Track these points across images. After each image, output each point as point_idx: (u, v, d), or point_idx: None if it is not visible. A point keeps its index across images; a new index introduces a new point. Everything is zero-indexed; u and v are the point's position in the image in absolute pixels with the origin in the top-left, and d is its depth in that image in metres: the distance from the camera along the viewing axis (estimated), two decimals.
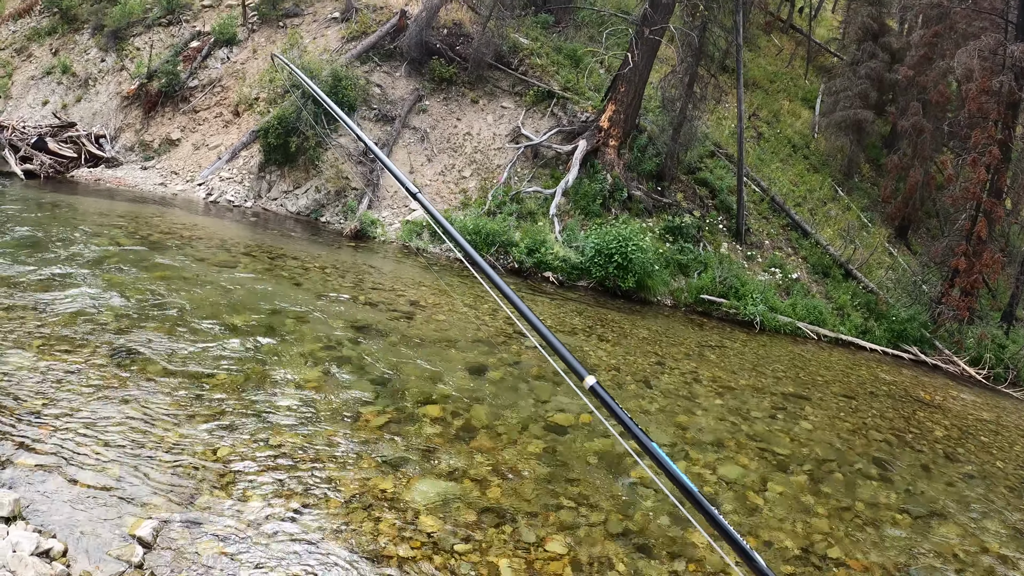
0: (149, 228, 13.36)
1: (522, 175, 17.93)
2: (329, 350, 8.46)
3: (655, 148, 18.47)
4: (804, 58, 31.40)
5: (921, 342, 16.47)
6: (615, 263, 14.47)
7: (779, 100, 26.93)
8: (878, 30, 25.49)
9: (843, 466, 8.26)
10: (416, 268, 14.28)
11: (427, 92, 19.86)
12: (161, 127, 21.16)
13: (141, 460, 5.50)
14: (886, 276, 19.10)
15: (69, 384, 6.42)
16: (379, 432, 6.67)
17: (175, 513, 4.97)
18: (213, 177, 18.69)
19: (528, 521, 5.71)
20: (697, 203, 18.50)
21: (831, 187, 22.62)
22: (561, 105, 19.40)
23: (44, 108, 22.17)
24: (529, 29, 21.94)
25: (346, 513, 5.33)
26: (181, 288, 9.69)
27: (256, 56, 21.64)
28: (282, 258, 12.67)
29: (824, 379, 12.34)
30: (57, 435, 5.59)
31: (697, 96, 17.95)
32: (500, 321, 11.10)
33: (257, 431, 6.24)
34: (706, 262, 16.16)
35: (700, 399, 9.51)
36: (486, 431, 7.10)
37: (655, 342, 12.28)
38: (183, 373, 7.07)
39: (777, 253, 18.14)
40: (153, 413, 6.22)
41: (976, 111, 17.54)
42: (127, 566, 4.36)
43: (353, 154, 17.85)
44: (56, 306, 8.22)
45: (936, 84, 20.90)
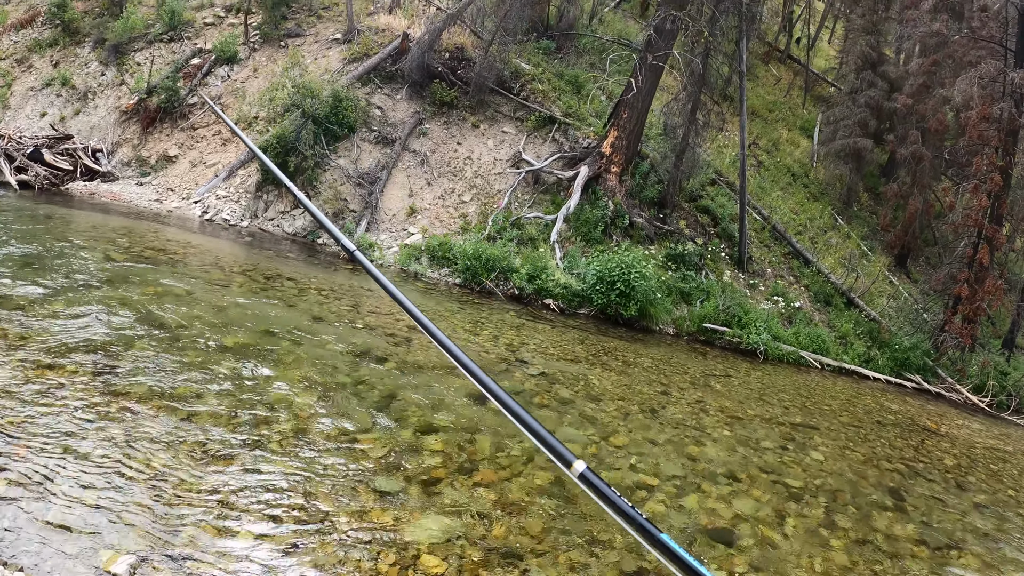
0: (142, 244, 13.10)
1: (523, 200, 17.75)
2: (325, 375, 8.17)
3: (657, 175, 18.35)
4: (802, 88, 31.57)
5: (924, 370, 16.29)
6: (617, 290, 14.24)
7: (778, 129, 26.96)
8: (877, 59, 25.58)
9: (857, 497, 8.03)
10: (415, 292, 14.02)
11: (428, 115, 19.75)
12: (159, 143, 20.97)
13: (121, 490, 5.14)
14: (888, 304, 18.95)
15: (47, 404, 6.09)
16: (378, 463, 6.35)
17: (156, 549, 4.59)
18: (209, 195, 18.46)
19: (538, 561, 5.40)
20: (699, 231, 18.34)
21: (831, 216, 22.54)
22: (563, 131, 19.28)
23: (42, 120, 22.01)
24: (531, 55, 21.91)
25: (343, 549, 4.99)
26: (171, 306, 9.40)
27: (257, 75, 21.53)
28: (277, 279, 12.41)
29: (831, 408, 12.12)
30: (30, 459, 5.23)
31: (700, 123, 17.85)
32: (501, 348, 10.86)
33: (247, 460, 5.90)
34: (709, 290, 15.95)
35: (709, 430, 9.25)
36: (489, 462, 6.81)
37: (660, 371, 12.04)
38: (170, 396, 6.75)
39: (779, 281, 17.97)
40: (135, 439, 5.87)
41: (976, 138, 17.52)
42: None
43: (352, 176, 17.66)
44: (38, 322, 7.91)
45: (935, 112, 20.92)
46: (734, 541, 6.35)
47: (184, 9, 24.19)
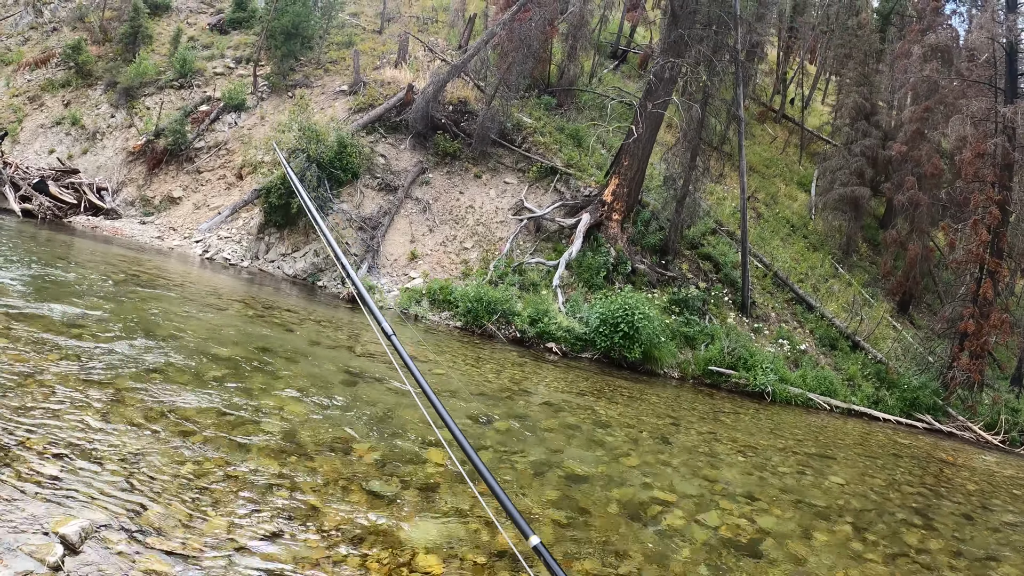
0: (141, 270, 12.97)
1: (524, 248, 17.70)
2: (321, 389, 7.91)
3: (658, 223, 18.37)
4: (797, 145, 31.95)
5: (934, 410, 16.00)
6: (621, 332, 14.03)
7: (776, 183, 27.17)
8: (870, 109, 25.95)
9: (884, 516, 7.73)
10: (416, 331, 13.82)
11: (431, 165, 19.87)
12: (164, 184, 21.06)
13: (89, 463, 4.83)
14: (893, 347, 18.76)
15: (24, 387, 5.84)
16: (372, 467, 6.04)
17: (116, 520, 4.24)
18: (211, 235, 18.41)
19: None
20: (701, 277, 18.25)
21: (831, 265, 22.51)
22: (564, 181, 19.38)
23: (50, 156, 22.20)
24: (532, 109, 22.22)
25: (328, 545, 4.63)
26: (167, 322, 9.20)
27: (264, 123, 21.75)
28: (276, 309, 12.23)
29: (844, 443, 11.82)
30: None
31: (699, 169, 17.94)
32: (504, 380, 10.61)
33: (231, 452, 5.62)
34: (713, 334, 15.74)
35: (722, 456, 8.95)
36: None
37: (667, 406, 11.77)
38: (154, 390, 6.51)
39: (783, 326, 17.79)
40: (112, 422, 5.60)
41: (972, 176, 17.68)
42: (39, 565, 3.63)
43: (354, 220, 17.63)
44: (24, 325, 7.68)
45: (929, 157, 21.14)
46: (762, 555, 6.03)
47: (195, 59, 24.66)
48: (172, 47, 25.54)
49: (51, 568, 3.65)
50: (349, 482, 5.66)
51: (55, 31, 28.41)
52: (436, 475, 6.19)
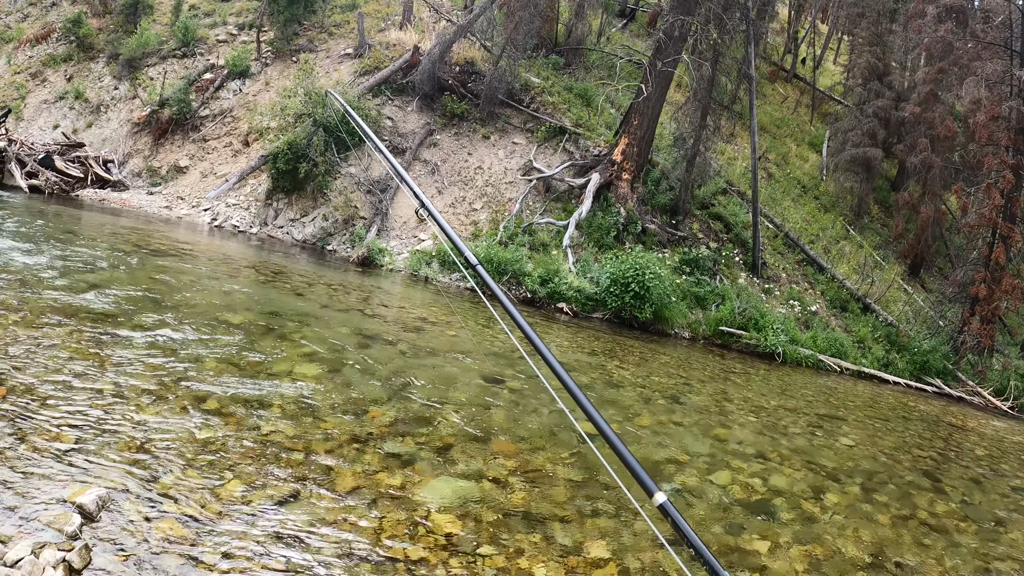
0: (150, 239, 12.98)
1: (534, 208, 17.61)
2: (333, 352, 7.93)
3: (668, 182, 18.22)
4: (809, 106, 31.51)
5: (944, 374, 15.95)
6: (632, 292, 13.99)
7: (787, 144, 26.87)
8: (883, 70, 25.52)
9: (894, 478, 7.72)
10: (426, 293, 13.85)
11: (438, 127, 19.72)
12: (170, 154, 20.98)
13: (104, 432, 4.88)
14: (904, 310, 18.67)
15: (37, 354, 5.89)
16: (386, 429, 6.07)
17: (133, 488, 4.29)
18: (219, 203, 18.37)
19: (563, 526, 5.09)
20: (712, 237, 18.14)
21: (843, 226, 22.33)
22: (573, 141, 19.21)
23: (55, 131, 22.08)
24: (540, 69, 21.94)
25: (344, 507, 4.66)
26: (176, 289, 9.22)
27: (268, 89, 21.57)
28: (286, 274, 12.24)
29: (855, 405, 11.81)
30: (9, 399, 5.01)
31: (710, 128, 17.72)
32: (516, 340, 10.60)
33: (245, 417, 5.65)
34: (723, 294, 15.68)
35: (733, 415, 8.96)
36: (506, 435, 6.52)
37: (678, 366, 11.76)
38: (168, 355, 6.54)
39: (794, 287, 17.71)
40: (125, 391, 5.63)
41: (986, 139, 17.40)
42: (57, 535, 3.67)
43: (362, 183, 17.55)
44: (36, 295, 7.71)
45: (943, 119, 20.80)
46: (774, 514, 6.05)
47: (198, 27, 24.40)
48: (173, 16, 25.26)
49: (69, 537, 3.69)
50: (363, 443, 5.69)
51: (54, 6, 28.15)
52: (450, 436, 6.22)
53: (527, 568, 4.44)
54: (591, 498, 5.59)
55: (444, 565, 4.28)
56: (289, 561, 3.98)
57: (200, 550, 3.87)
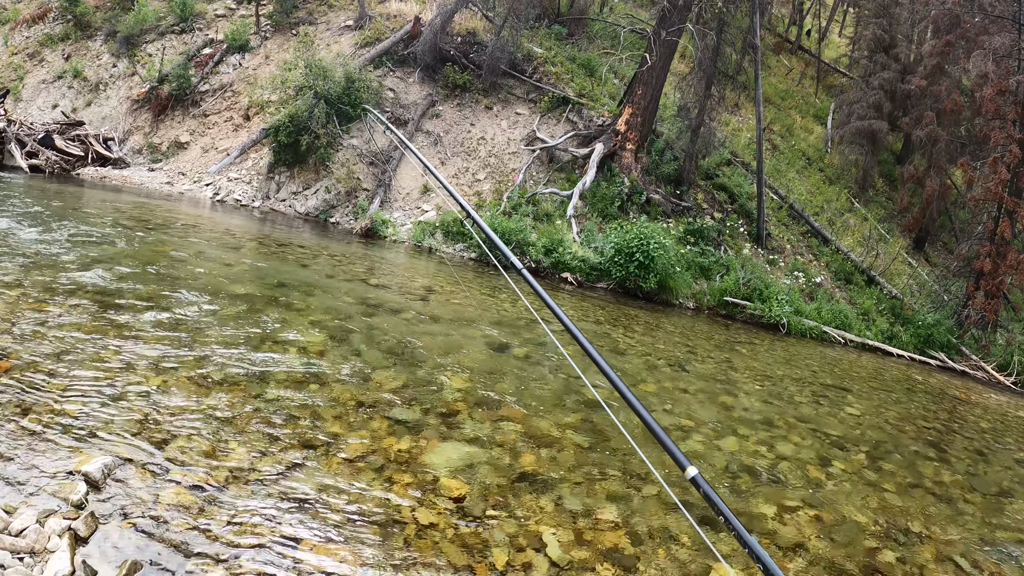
0: (152, 215, 12.92)
1: (537, 179, 17.51)
2: (339, 321, 7.92)
3: (673, 152, 18.10)
4: (814, 78, 31.25)
5: (948, 348, 15.91)
6: (636, 262, 13.94)
7: (792, 115, 26.66)
8: (889, 41, 25.21)
9: (899, 448, 7.73)
10: (430, 263, 13.81)
11: (440, 98, 19.56)
12: (170, 130, 20.84)
13: (109, 400, 4.88)
14: (909, 283, 18.61)
15: (41, 328, 5.88)
16: (393, 394, 6.07)
17: (139, 456, 4.29)
18: (221, 177, 18.28)
19: (572, 490, 5.09)
20: (716, 207, 18.05)
21: (847, 199, 22.20)
22: (576, 111, 19.06)
23: (54, 111, 21.90)
24: (542, 39, 21.74)
25: (352, 472, 4.68)
26: (180, 262, 9.19)
27: (269, 62, 21.38)
28: (289, 245, 12.19)
29: (859, 376, 11.79)
30: (14, 371, 4.99)
31: (715, 98, 17.57)
32: (520, 308, 10.59)
33: (251, 384, 5.66)
34: (728, 265, 15.63)
35: (739, 384, 8.95)
36: (514, 401, 6.52)
37: (683, 336, 11.75)
38: (172, 327, 6.53)
39: (799, 258, 17.64)
40: (131, 361, 5.63)
41: (993, 113, 17.22)
42: (63, 503, 3.69)
43: (365, 155, 17.45)
44: (39, 271, 7.68)
45: (949, 93, 20.59)
46: (780, 480, 6.06)
47: (196, 2, 24.13)
48: None
49: (75, 506, 3.71)
50: (371, 410, 5.68)
51: None
52: (457, 402, 6.22)
53: (536, 532, 4.45)
54: (600, 463, 5.59)
55: (453, 529, 4.29)
56: (296, 527, 3.98)
57: (207, 517, 3.88)
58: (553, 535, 4.43)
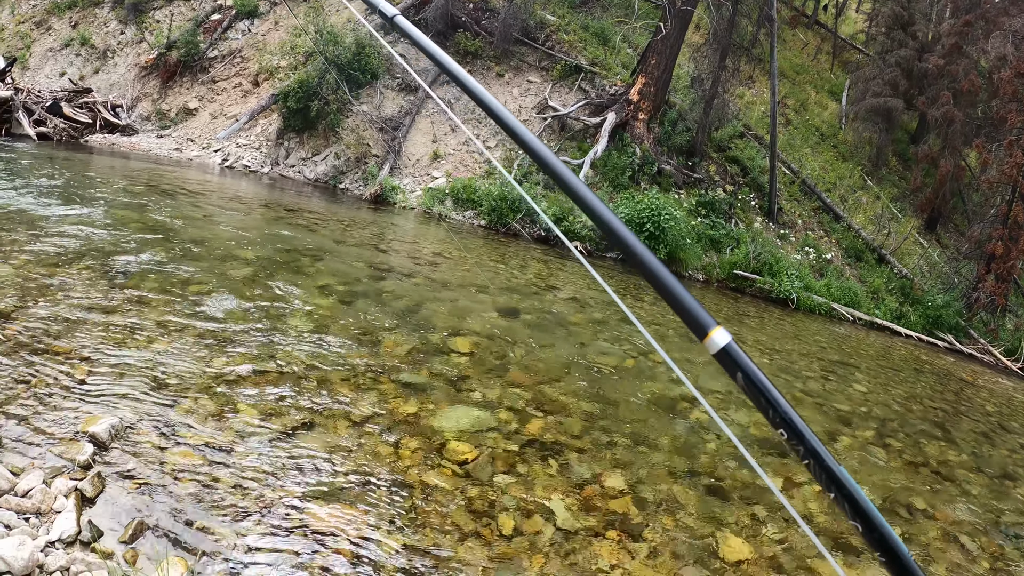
0: (161, 180, 12.88)
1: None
2: (347, 285, 7.90)
3: (685, 124, 17.93)
4: (830, 53, 30.84)
5: (956, 330, 15.80)
6: (647, 232, 13.86)
7: (806, 90, 26.35)
8: (908, 19, 24.80)
9: (905, 426, 7.69)
10: (440, 230, 13.78)
11: None
12: (179, 97, 20.71)
13: (116, 362, 4.86)
14: (919, 263, 18.49)
15: (50, 291, 5.87)
16: (402, 358, 6.07)
17: (147, 417, 4.28)
18: (230, 143, 18.19)
19: (579, 457, 5.08)
20: (728, 180, 17.90)
21: (860, 176, 21.99)
22: (589, 80, 18.88)
23: (62, 79, 21.77)
24: (556, 7, 21.47)
25: (359, 435, 4.67)
26: (189, 226, 9.16)
27: (278, 28, 21.19)
28: (299, 211, 12.16)
29: (867, 354, 11.76)
30: (22, 334, 4.97)
31: (729, 70, 17.36)
32: (530, 276, 10.56)
33: (260, 348, 5.64)
34: (738, 238, 15.54)
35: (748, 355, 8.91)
36: (522, 367, 6.50)
37: None
38: (181, 289, 6.52)
39: (810, 234, 17.53)
40: (140, 322, 5.61)
41: (1010, 95, 16.98)
42: (70, 464, 3.67)
43: (375, 121, 17.33)
44: (47, 237, 7.66)
45: (967, 73, 20.29)
46: (788, 452, 6.03)
47: None
48: None
49: (81, 466, 3.70)
50: (379, 373, 5.67)
51: None
52: (466, 366, 6.20)
53: (543, 497, 4.44)
54: (607, 430, 5.57)
55: (461, 492, 4.28)
56: (304, 488, 3.98)
57: (214, 478, 3.87)
58: (561, 501, 4.43)
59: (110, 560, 3.13)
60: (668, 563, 4.07)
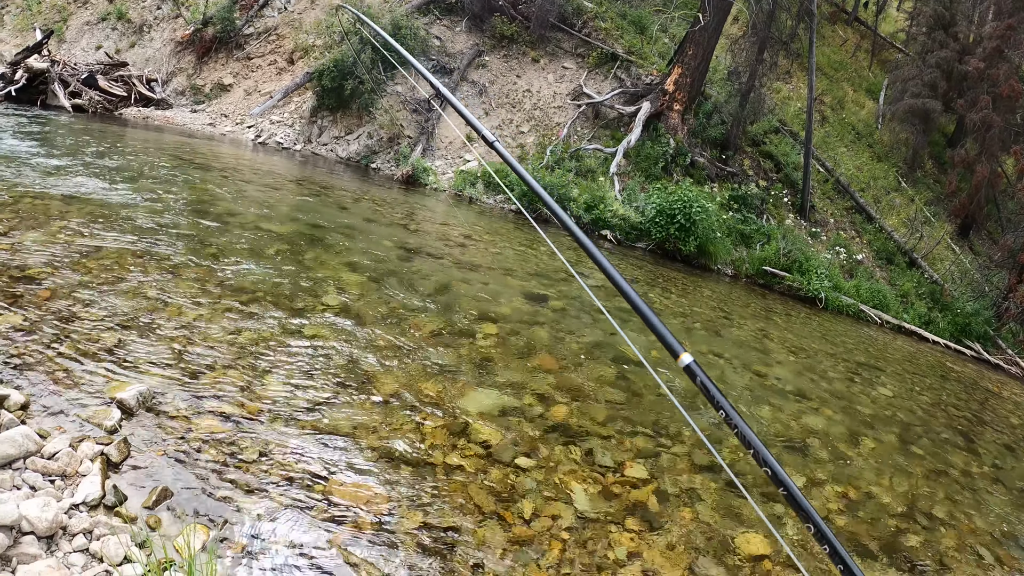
0: (194, 154, 12.98)
1: (582, 134, 17.31)
2: (377, 263, 7.94)
3: (720, 116, 17.76)
4: (868, 51, 30.35)
5: (984, 339, 15.54)
6: (677, 224, 13.76)
7: (843, 88, 25.98)
8: (949, 19, 24.31)
9: (929, 433, 7.60)
10: (470, 212, 13.79)
11: (487, 48, 19.31)
12: (213, 72, 20.82)
13: (146, 331, 4.94)
14: (950, 268, 18.21)
15: (81, 260, 5.93)
16: (428, 339, 6.10)
17: (174, 386, 4.35)
18: (263, 120, 18.29)
19: (602, 444, 5.09)
20: (761, 175, 17.73)
21: (895, 177, 21.68)
22: (625, 68, 18.74)
23: (97, 52, 21.94)
24: None
25: (384, 411, 4.71)
26: (221, 199, 9.24)
27: (314, 6, 21.21)
28: (330, 188, 12.22)
29: (894, 357, 11.61)
30: (53, 301, 5.04)
31: (767, 64, 17.15)
32: (558, 262, 10.54)
33: (287, 322, 5.70)
34: (769, 234, 15.38)
35: (773, 353, 8.86)
36: (548, 352, 6.51)
37: (719, 300, 11.65)
38: (211, 261, 6.59)
39: (841, 233, 17.33)
40: (171, 292, 5.69)
41: None
42: (96, 429, 3.75)
43: (409, 102, 17.34)
44: (82, 205, 7.75)
45: (1007, 78, 19.89)
46: (808, 452, 6.02)
47: None
48: None
49: (107, 431, 3.76)
50: (405, 351, 5.71)
51: None
52: (492, 349, 6.22)
53: (564, 482, 4.46)
54: (632, 420, 5.57)
55: (482, 474, 4.31)
56: (326, 461, 4.02)
57: (238, 448, 3.93)
58: (582, 488, 4.44)
59: (133, 524, 3.19)
60: (685, 555, 4.08)
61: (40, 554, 2.83)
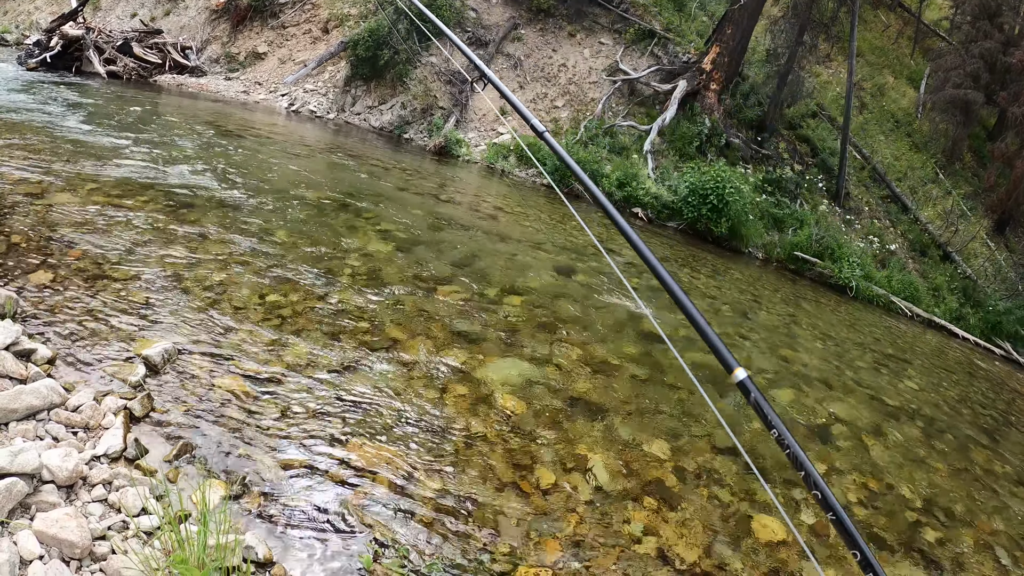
0: (228, 121, 13.03)
1: (616, 111, 17.16)
2: (407, 232, 7.95)
3: (757, 98, 17.51)
4: (911, 38, 29.65)
5: (1015, 339, 15.22)
6: (710, 204, 13.61)
7: (884, 74, 25.44)
8: (995, 10, 23.64)
9: (953, 429, 7.47)
10: (501, 185, 13.77)
11: (523, 21, 19.15)
12: (248, 41, 20.84)
13: (173, 292, 4.99)
14: (985, 265, 17.86)
15: (112, 222, 5.98)
16: (454, 307, 6.11)
17: (199, 345, 4.40)
18: (297, 88, 18.31)
19: (623, 420, 5.08)
20: (797, 159, 17.47)
21: (933, 169, 21.25)
22: (662, 45, 18.51)
23: (132, 20, 22.04)
24: None
25: (407, 377, 4.74)
26: (253, 166, 9.28)
27: None
28: (363, 157, 12.24)
29: (922, 351, 11.43)
30: (83, 259, 5.09)
31: (807, 46, 16.83)
32: (588, 237, 10.50)
33: (314, 286, 5.74)
34: (802, 219, 15.17)
35: (800, 339, 8.77)
36: (573, 326, 6.49)
37: (749, 283, 11.54)
38: (242, 225, 6.63)
39: (875, 222, 17.05)
40: (198, 255, 5.73)
41: None
42: (121, 384, 3.80)
43: (443, 73, 17.26)
44: (114, 168, 7.80)
45: None
46: (831, 440, 5.96)
47: None
48: None
49: (132, 387, 3.82)
50: (432, 319, 5.72)
51: None
52: (519, 320, 6.22)
53: (584, 455, 4.46)
54: (654, 398, 5.55)
55: (503, 442, 4.32)
56: (349, 423, 4.05)
57: (261, 407, 3.97)
58: (601, 462, 4.44)
59: (153, 477, 3.23)
60: (700, 535, 4.07)
61: (59, 502, 2.87)
